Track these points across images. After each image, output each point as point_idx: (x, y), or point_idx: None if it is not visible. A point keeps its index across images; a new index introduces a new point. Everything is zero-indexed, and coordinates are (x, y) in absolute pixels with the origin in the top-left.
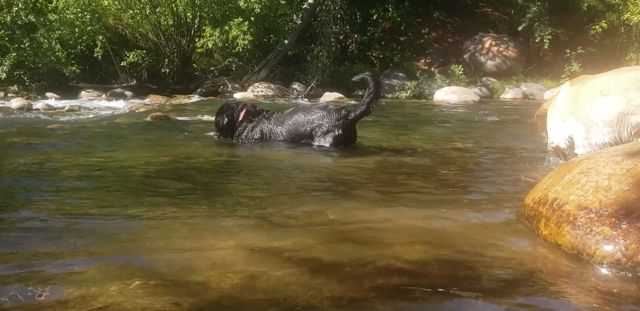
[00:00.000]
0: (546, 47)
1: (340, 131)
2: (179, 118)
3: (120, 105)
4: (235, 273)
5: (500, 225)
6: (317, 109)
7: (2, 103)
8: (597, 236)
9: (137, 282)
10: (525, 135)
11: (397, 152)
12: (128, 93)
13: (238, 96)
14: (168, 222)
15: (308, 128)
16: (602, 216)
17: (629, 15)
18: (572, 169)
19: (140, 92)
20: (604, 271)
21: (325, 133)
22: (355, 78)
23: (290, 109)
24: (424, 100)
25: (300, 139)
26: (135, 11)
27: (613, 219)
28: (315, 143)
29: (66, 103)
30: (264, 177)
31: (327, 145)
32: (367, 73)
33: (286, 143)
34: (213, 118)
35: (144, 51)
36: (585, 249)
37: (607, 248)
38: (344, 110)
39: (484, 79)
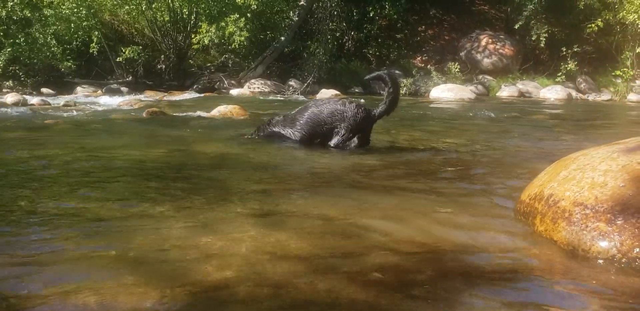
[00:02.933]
0: (542, 45)
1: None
2: (174, 114)
3: (116, 101)
4: (232, 267)
5: (495, 221)
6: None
7: None
8: (592, 232)
9: (133, 275)
10: (521, 132)
11: (393, 149)
12: (124, 89)
13: (234, 92)
14: (164, 216)
15: (326, 128)
16: (597, 213)
17: (624, 13)
18: (568, 165)
19: (136, 88)
20: (599, 266)
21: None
22: (368, 77)
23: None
24: (420, 97)
25: (316, 139)
26: (131, 7)
27: (608, 215)
28: (333, 142)
29: (62, 99)
30: (261, 172)
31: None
32: (384, 71)
33: (287, 140)
34: (208, 114)
35: (140, 47)
36: (580, 245)
37: (602, 243)
38: (363, 107)
39: (480, 76)
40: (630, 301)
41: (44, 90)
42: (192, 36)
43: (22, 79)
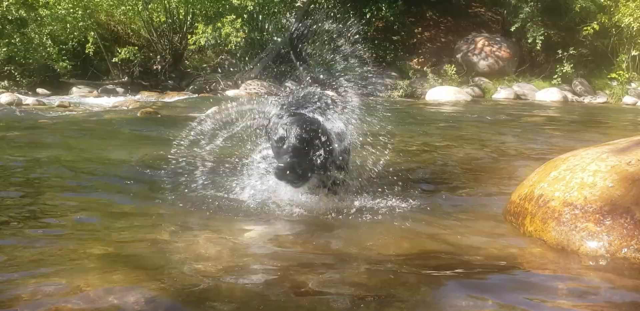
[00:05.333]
0: (538, 47)
1: None
2: (169, 115)
3: (111, 101)
4: (218, 266)
5: (485, 221)
6: None
7: None
8: (581, 232)
9: (119, 273)
10: (515, 134)
11: (386, 150)
12: (119, 90)
13: (230, 93)
14: (152, 216)
15: None
16: (586, 213)
17: (620, 16)
18: (558, 165)
19: (131, 88)
20: (587, 266)
21: None
22: None
23: None
24: (416, 99)
25: None
26: (128, 7)
27: (597, 215)
28: None
29: (57, 99)
30: (252, 173)
31: None
32: None
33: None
34: (202, 115)
35: (136, 48)
36: (569, 245)
37: (591, 244)
38: None
39: (476, 79)
40: (617, 301)
41: (40, 90)
42: (188, 37)
43: (18, 79)
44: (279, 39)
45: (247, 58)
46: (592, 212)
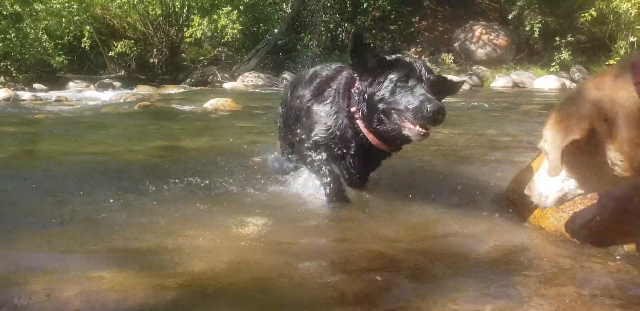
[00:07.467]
0: (536, 35)
1: None
2: (166, 108)
3: (108, 95)
4: (220, 259)
5: (485, 209)
6: None
7: None
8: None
9: (127, 266)
10: (513, 122)
11: None
12: (116, 83)
13: (228, 85)
14: (152, 209)
15: None
16: (584, 199)
17: (618, 2)
18: None
19: (128, 82)
20: (586, 253)
21: None
22: None
23: None
24: None
25: None
26: (123, 1)
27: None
28: None
29: (54, 94)
30: (250, 166)
31: None
32: None
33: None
34: (200, 107)
35: (132, 41)
36: (568, 231)
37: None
38: None
39: (474, 67)
40: (616, 286)
41: (36, 85)
42: (185, 30)
43: (14, 74)
44: (276, 30)
45: (243, 50)
46: (590, 198)
